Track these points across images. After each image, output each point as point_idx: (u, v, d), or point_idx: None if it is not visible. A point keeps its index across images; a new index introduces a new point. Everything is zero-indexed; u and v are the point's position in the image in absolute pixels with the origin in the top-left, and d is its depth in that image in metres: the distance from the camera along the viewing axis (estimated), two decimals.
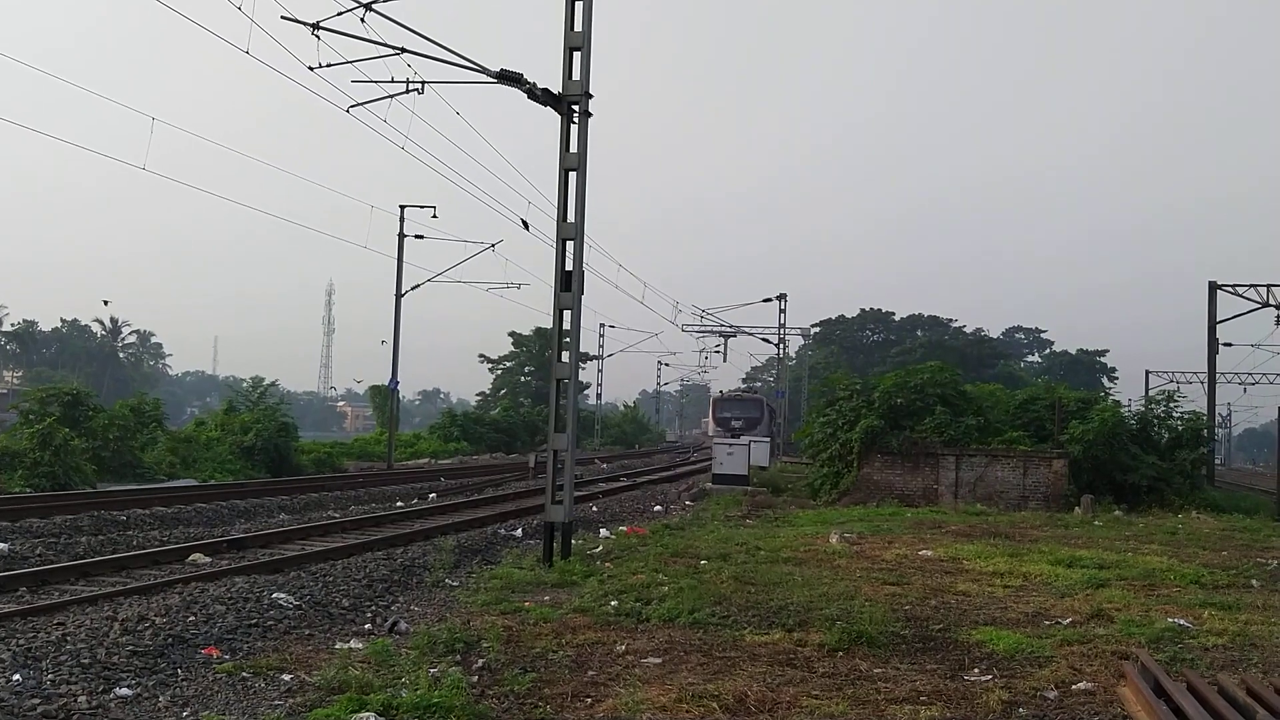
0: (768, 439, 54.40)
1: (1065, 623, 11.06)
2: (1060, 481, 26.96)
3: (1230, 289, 39.45)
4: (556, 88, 15.79)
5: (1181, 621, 11.04)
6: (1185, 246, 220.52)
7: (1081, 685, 8.37)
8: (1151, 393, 36.40)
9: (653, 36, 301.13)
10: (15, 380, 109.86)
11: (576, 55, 15.70)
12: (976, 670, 8.96)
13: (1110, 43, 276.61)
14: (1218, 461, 49.69)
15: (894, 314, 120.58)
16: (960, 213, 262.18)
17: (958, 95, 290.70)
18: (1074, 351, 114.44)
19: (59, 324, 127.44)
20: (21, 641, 8.95)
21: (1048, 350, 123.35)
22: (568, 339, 15.86)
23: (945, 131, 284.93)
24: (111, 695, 7.84)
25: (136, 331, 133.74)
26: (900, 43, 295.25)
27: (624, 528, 19.97)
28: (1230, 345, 41.10)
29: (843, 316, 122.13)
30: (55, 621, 9.97)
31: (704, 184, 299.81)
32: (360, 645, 9.60)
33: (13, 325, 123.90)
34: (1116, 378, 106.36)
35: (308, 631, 10.49)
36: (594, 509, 23.98)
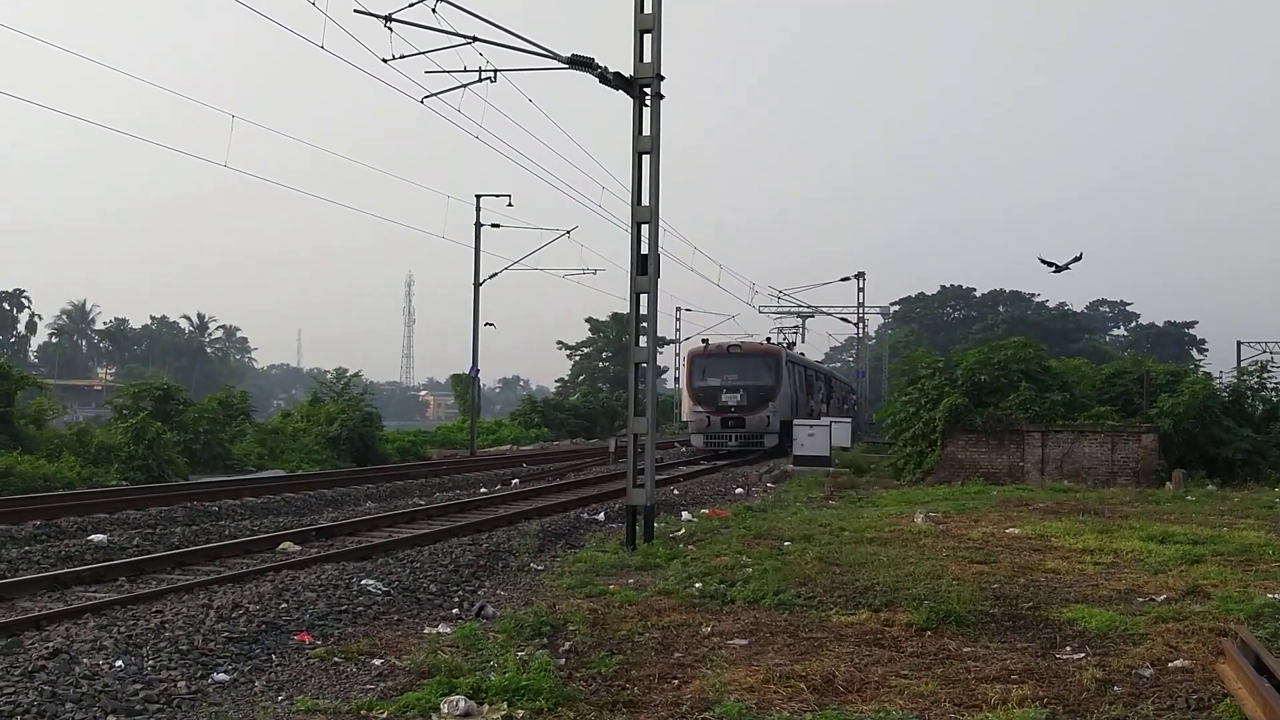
0: (796, 416, 39.29)
1: (1159, 600, 10.82)
2: (1150, 456, 26.39)
3: None
4: (628, 71, 15.77)
5: None
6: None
7: (1178, 663, 8.19)
8: (1244, 363, 35.46)
9: (723, 17, 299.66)
10: (109, 377, 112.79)
11: (647, 38, 15.66)
12: (1068, 648, 8.82)
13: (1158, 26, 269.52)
14: None
15: (975, 290, 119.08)
16: (1048, 189, 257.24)
17: (1039, 73, 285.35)
18: (1161, 324, 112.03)
19: (149, 321, 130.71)
20: (123, 629, 9.18)
21: (1134, 323, 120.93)
22: (645, 323, 15.86)
23: (1031, 110, 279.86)
24: (209, 680, 8.03)
25: (223, 327, 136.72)
26: (978, 29, 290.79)
27: (706, 510, 19.96)
28: None
29: (922, 294, 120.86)
30: (154, 609, 10.21)
31: (778, 163, 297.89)
32: (448, 629, 9.71)
33: (105, 323, 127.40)
34: (1206, 349, 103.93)
35: (396, 617, 10.64)
36: (675, 492, 24.01)
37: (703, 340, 43.23)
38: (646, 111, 15.72)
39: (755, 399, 39.59)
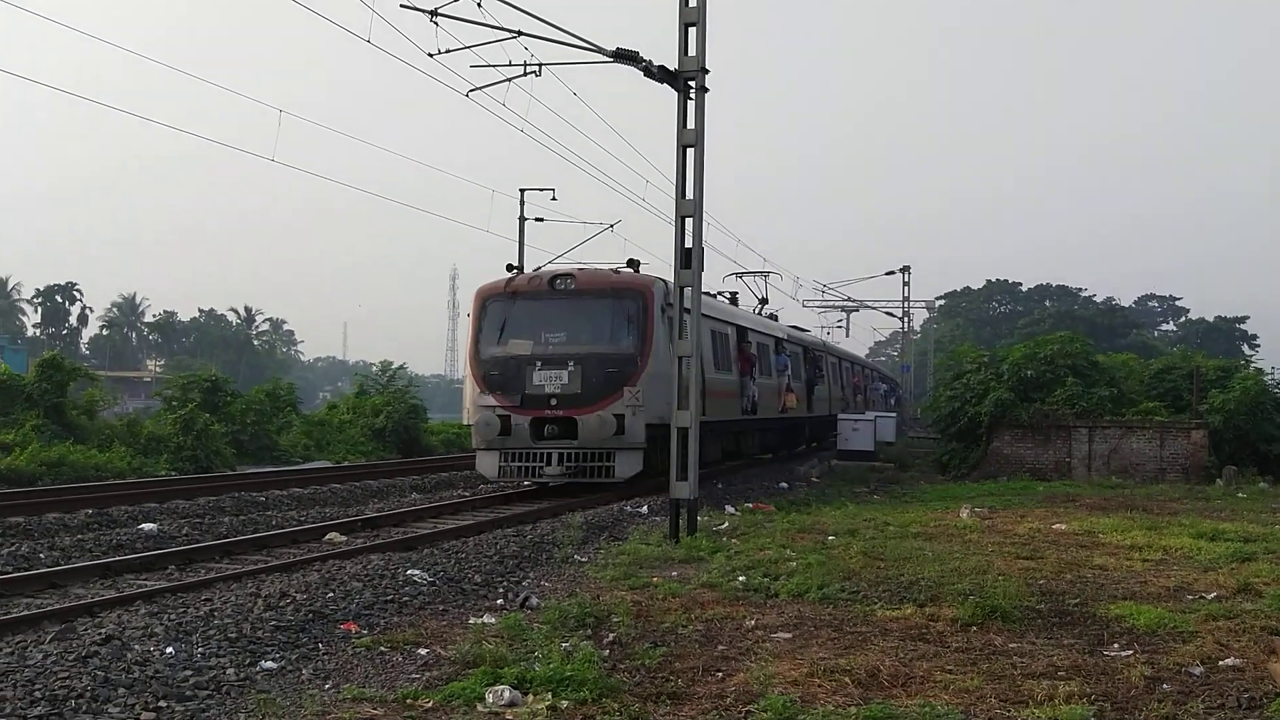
0: (711, 412, 22.17)
1: (1209, 597, 10.69)
2: (1200, 453, 26.10)
3: None
4: (673, 64, 15.75)
5: None
6: None
7: (1229, 661, 8.08)
8: None
9: (766, 7, 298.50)
10: (158, 369, 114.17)
11: (692, 30, 15.62)
12: (1116, 645, 8.73)
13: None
14: None
15: (1021, 284, 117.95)
16: (1089, 178, 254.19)
17: (1082, 54, 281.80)
18: (1211, 319, 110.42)
19: (197, 314, 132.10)
20: (173, 617, 9.30)
21: (1183, 318, 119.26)
22: (688, 317, 15.86)
23: (1073, 92, 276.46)
24: (257, 668, 8.12)
25: (270, 319, 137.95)
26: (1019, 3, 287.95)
27: (749, 504, 19.91)
28: None
29: (968, 288, 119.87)
30: (203, 598, 10.34)
31: (824, 156, 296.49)
32: (493, 620, 9.75)
33: (154, 316, 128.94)
34: (1258, 345, 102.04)
35: (442, 607, 10.70)
36: (718, 485, 23.95)
37: (508, 268, 22.67)
38: (691, 105, 15.71)
39: (598, 380, 20.44)
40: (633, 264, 22.64)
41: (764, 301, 39.82)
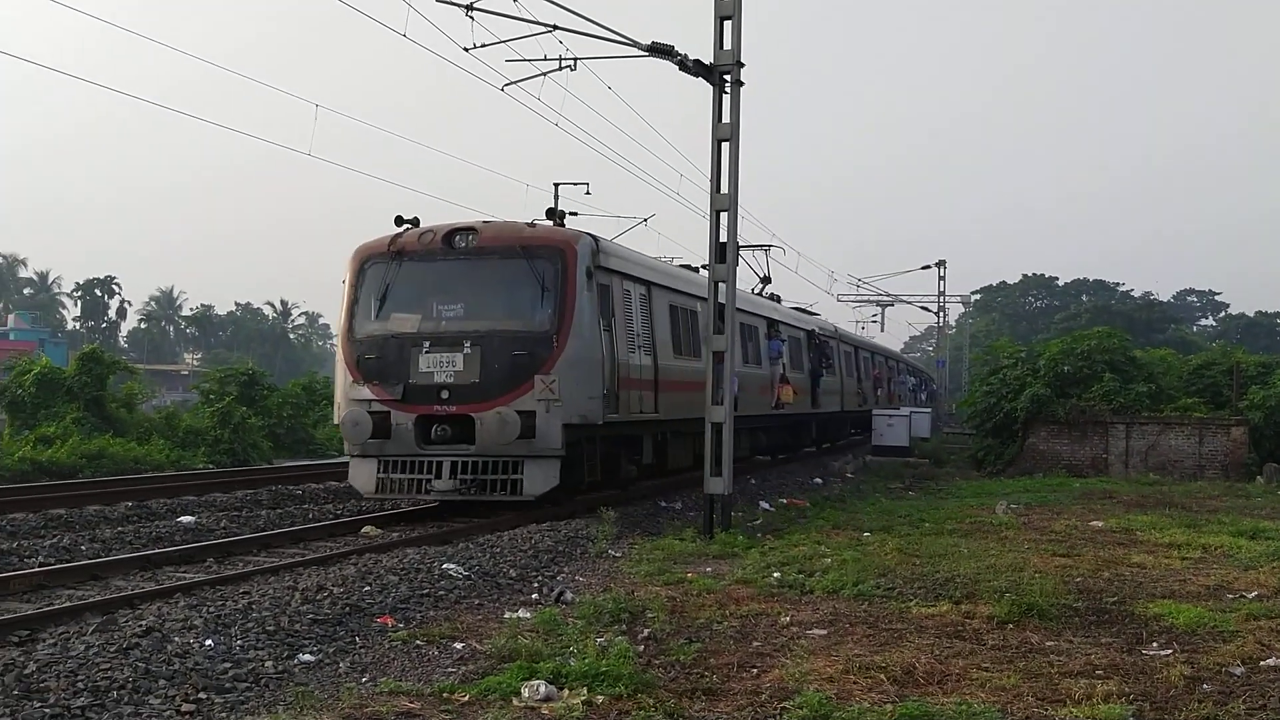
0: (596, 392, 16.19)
1: (1250, 596, 10.58)
2: (1240, 450, 25.80)
3: None
4: (708, 58, 15.73)
5: None
6: None
7: (1271, 661, 8.00)
8: None
9: (805, 5, 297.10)
10: (195, 362, 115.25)
11: (727, 24, 15.60)
12: (1155, 644, 8.66)
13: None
14: None
15: (1057, 279, 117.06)
16: (1129, 178, 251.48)
17: (1115, 65, 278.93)
18: (1251, 314, 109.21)
19: (233, 307, 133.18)
20: (211, 609, 9.37)
21: (1223, 313, 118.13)
22: (723, 311, 15.84)
23: (1112, 98, 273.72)
24: (295, 661, 8.19)
25: (305, 313, 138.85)
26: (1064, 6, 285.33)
27: (784, 500, 19.90)
28: None
29: (1004, 283, 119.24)
30: (241, 590, 10.41)
31: (861, 152, 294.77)
32: (528, 614, 9.79)
33: (191, 310, 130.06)
34: None
35: (477, 601, 10.74)
36: (752, 481, 23.90)
37: (397, 221, 17.21)
38: (726, 99, 15.68)
39: (501, 366, 15.92)
40: (553, 215, 17.81)
41: (766, 280, 33.80)
